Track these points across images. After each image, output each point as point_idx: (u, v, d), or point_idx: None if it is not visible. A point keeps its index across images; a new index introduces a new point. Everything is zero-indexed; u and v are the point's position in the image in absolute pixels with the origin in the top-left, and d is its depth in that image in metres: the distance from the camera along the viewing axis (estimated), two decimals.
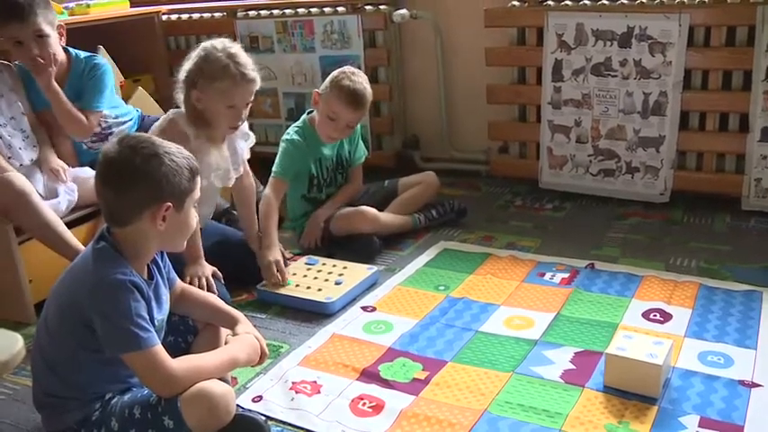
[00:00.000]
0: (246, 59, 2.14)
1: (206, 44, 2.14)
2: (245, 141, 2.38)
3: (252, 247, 2.42)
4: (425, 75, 3.42)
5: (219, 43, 2.13)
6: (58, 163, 2.42)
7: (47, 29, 2.32)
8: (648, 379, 1.68)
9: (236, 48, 2.15)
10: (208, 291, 2.09)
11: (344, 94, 2.51)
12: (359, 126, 2.76)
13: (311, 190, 2.68)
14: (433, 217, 2.79)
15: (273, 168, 2.58)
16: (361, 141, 2.83)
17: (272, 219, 2.45)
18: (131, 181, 1.46)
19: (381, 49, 3.32)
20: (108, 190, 1.49)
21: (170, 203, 1.47)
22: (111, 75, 2.62)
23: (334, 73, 2.58)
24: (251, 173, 2.48)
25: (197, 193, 1.55)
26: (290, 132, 2.63)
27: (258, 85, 2.17)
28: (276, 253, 2.35)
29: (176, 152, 1.50)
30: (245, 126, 2.35)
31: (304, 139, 2.61)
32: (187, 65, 2.14)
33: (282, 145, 2.62)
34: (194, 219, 1.58)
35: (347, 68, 2.60)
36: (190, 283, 2.06)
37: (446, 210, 2.82)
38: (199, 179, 1.55)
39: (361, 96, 2.54)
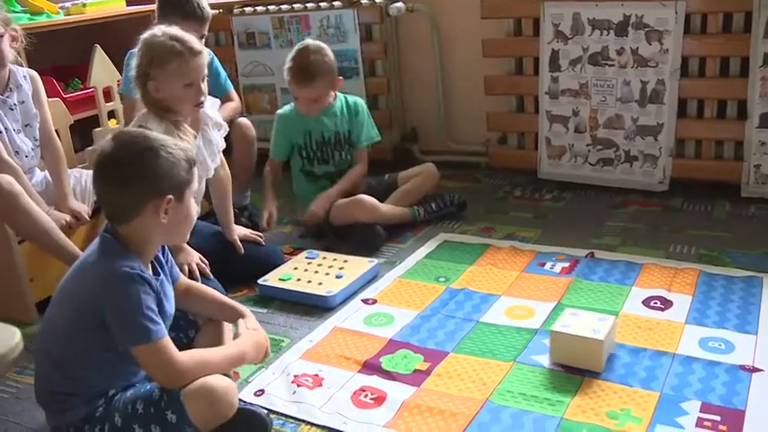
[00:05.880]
0: (189, 36, 2.12)
1: (144, 36, 2.10)
2: (218, 131, 2.35)
3: (229, 239, 2.40)
4: (423, 67, 3.42)
5: (158, 30, 2.11)
6: (77, 205, 2.37)
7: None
8: (592, 354, 1.73)
9: (175, 29, 2.12)
10: (193, 276, 2.11)
11: (291, 72, 2.60)
12: (362, 106, 2.78)
13: (304, 164, 2.76)
14: (432, 210, 2.79)
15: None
16: (368, 124, 2.80)
17: (266, 185, 2.74)
18: (131, 177, 1.46)
19: (378, 42, 3.32)
20: (108, 188, 1.49)
21: (171, 196, 1.47)
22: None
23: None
24: (226, 163, 2.44)
25: (195, 185, 1.56)
26: (281, 108, 2.80)
27: (207, 57, 2.16)
28: (271, 206, 2.69)
29: (172, 144, 1.50)
30: (217, 116, 2.36)
31: (291, 111, 2.73)
32: (134, 62, 2.10)
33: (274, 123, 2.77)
34: (195, 210, 1.58)
35: (301, 44, 2.63)
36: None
37: (446, 203, 2.82)
38: (196, 170, 1.55)
39: (304, 70, 2.56)
